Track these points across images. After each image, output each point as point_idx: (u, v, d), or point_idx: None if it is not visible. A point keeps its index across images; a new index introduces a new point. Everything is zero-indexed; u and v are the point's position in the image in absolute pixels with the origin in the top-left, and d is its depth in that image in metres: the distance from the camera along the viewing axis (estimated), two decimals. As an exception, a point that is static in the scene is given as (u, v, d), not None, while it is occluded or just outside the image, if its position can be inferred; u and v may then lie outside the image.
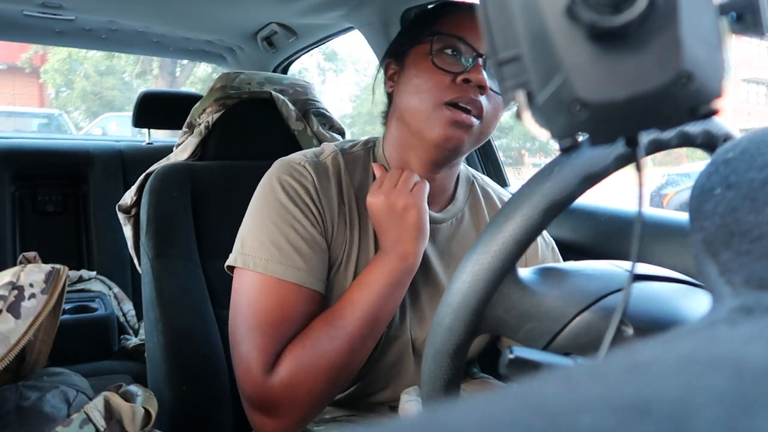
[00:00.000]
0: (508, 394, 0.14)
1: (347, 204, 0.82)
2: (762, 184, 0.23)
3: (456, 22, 0.79)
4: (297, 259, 0.74)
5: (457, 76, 0.76)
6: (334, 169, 0.83)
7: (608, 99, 0.24)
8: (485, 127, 0.78)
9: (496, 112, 0.79)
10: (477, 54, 0.77)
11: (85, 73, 13.56)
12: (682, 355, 0.15)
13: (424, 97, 0.77)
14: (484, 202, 0.92)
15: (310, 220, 0.77)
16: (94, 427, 0.59)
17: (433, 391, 0.47)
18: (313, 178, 0.79)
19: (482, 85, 0.75)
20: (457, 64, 0.77)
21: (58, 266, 0.72)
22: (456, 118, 0.75)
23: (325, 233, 0.79)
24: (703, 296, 0.46)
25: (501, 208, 0.45)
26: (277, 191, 0.78)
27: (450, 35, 0.78)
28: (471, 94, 0.75)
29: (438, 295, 0.83)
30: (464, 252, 0.84)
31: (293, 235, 0.75)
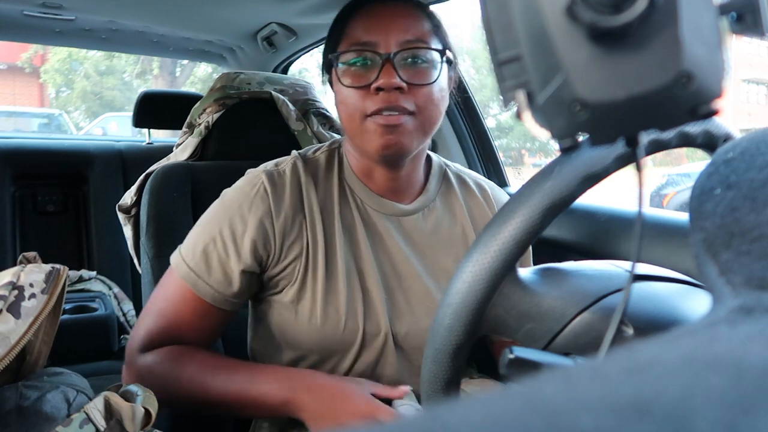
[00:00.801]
0: (508, 394, 0.14)
1: (308, 214, 0.81)
2: (762, 184, 0.23)
3: (360, 25, 0.78)
4: (214, 276, 0.78)
5: (370, 86, 0.75)
6: (293, 178, 0.82)
7: (608, 99, 0.24)
8: (426, 117, 0.78)
9: (429, 97, 0.77)
10: (383, 56, 0.75)
11: (85, 73, 13.56)
12: (682, 355, 0.15)
13: (349, 113, 0.78)
14: (458, 188, 0.91)
15: (244, 242, 0.77)
16: (94, 427, 0.59)
17: (433, 391, 0.47)
18: (267, 193, 0.79)
19: (396, 87, 0.74)
20: (365, 74, 0.76)
21: (58, 266, 0.72)
22: (383, 124, 0.75)
23: (267, 252, 0.79)
24: (703, 296, 0.46)
25: (501, 208, 0.45)
26: (225, 203, 0.81)
27: (350, 49, 0.77)
28: (391, 99, 0.75)
29: (414, 287, 0.83)
30: (438, 242, 0.86)
31: (220, 253, 0.78)
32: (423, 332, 0.82)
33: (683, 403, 0.12)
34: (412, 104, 0.76)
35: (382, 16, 0.78)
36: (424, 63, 0.77)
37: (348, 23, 0.80)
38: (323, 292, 0.79)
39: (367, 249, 0.82)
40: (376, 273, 0.82)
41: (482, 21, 0.26)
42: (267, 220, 0.78)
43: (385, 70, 0.75)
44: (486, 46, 0.26)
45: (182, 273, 0.79)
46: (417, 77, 0.77)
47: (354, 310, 0.79)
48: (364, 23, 0.78)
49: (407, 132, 0.76)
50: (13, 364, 0.65)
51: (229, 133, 1.19)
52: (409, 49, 0.77)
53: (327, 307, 0.79)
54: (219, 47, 2.05)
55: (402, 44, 0.76)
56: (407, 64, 0.77)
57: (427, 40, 0.78)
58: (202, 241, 0.79)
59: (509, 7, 0.25)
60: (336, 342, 0.79)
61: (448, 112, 1.49)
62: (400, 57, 0.76)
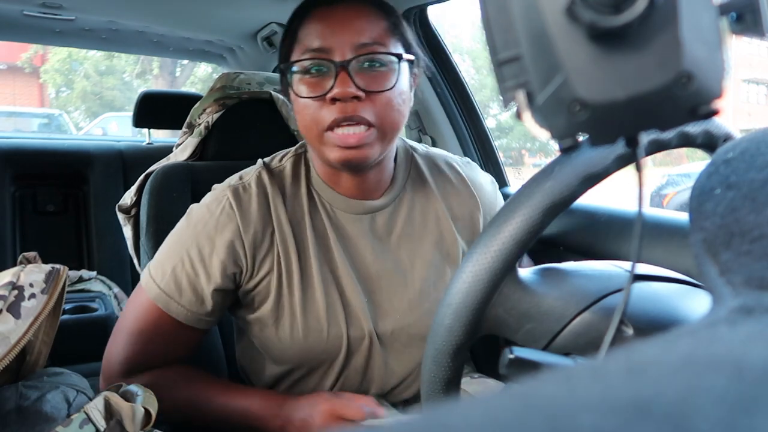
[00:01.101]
0: (508, 394, 0.14)
1: (277, 226, 0.79)
2: (762, 184, 0.23)
3: (312, 31, 0.74)
4: (186, 296, 0.77)
5: (326, 96, 0.72)
6: (259, 191, 0.80)
7: (608, 99, 0.24)
8: (387, 125, 0.74)
9: (389, 104, 0.74)
10: (337, 64, 0.71)
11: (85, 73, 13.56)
12: (682, 355, 0.15)
13: (306, 126, 0.75)
14: (428, 171, 0.88)
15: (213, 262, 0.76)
16: (94, 427, 0.59)
17: (433, 391, 0.47)
18: (233, 209, 0.77)
19: (353, 96, 0.71)
20: (320, 83, 0.73)
21: (58, 266, 0.72)
22: (342, 139, 0.72)
23: (239, 269, 0.77)
24: (703, 296, 0.46)
25: (501, 208, 0.45)
26: (192, 221, 0.79)
27: (303, 58, 0.73)
28: (348, 109, 0.71)
29: (394, 284, 0.82)
30: (413, 231, 0.84)
31: (190, 274, 0.76)
32: (409, 327, 0.81)
33: (683, 403, 0.12)
34: (371, 113, 0.72)
35: (334, 19, 0.74)
36: (381, 67, 0.74)
37: (300, 28, 0.76)
38: (301, 303, 0.77)
39: (341, 254, 0.80)
40: (352, 277, 0.80)
41: (482, 21, 0.26)
42: (236, 238, 0.76)
43: (340, 78, 0.71)
44: (486, 46, 0.26)
45: (153, 294, 0.77)
46: (374, 84, 0.73)
47: (335, 317, 0.78)
48: (316, 28, 0.74)
49: (368, 145, 0.73)
50: (13, 364, 0.65)
51: (229, 133, 1.19)
52: (365, 54, 0.72)
53: (307, 318, 0.77)
54: (219, 47, 2.05)
55: (357, 48, 0.72)
56: (363, 69, 0.73)
57: (384, 41, 0.74)
58: (171, 261, 0.78)
59: (509, 7, 0.25)
60: (321, 352, 0.79)
61: (447, 112, 1.49)
62: (355, 63, 0.72)
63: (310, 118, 0.73)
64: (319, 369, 0.81)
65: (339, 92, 0.70)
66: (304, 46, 0.74)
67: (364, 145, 0.72)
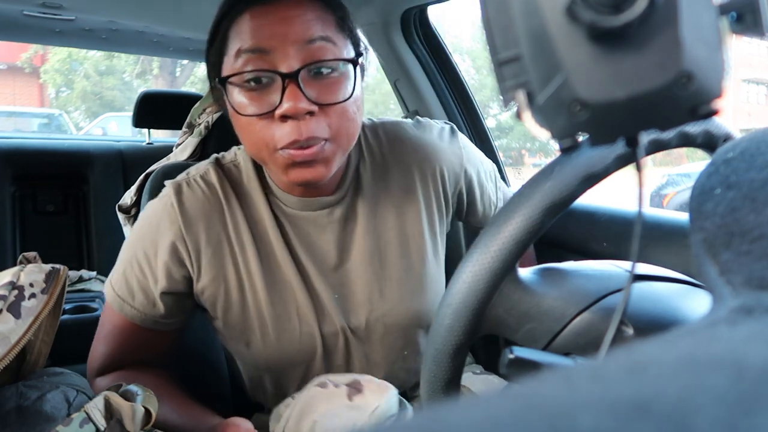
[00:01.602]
0: (508, 394, 0.14)
1: (232, 224, 0.74)
2: (762, 184, 0.23)
3: (250, 30, 0.63)
4: (138, 299, 0.75)
5: (273, 113, 0.63)
6: (207, 188, 0.75)
7: (608, 99, 0.24)
8: (344, 137, 0.67)
9: (345, 115, 0.66)
10: (285, 75, 0.62)
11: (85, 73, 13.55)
12: (682, 355, 0.15)
13: (253, 143, 0.66)
14: (381, 147, 0.80)
15: (158, 264, 0.73)
16: (94, 427, 0.59)
17: (433, 391, 0.47)
18: (174, 209, 0.72)
19: (305, 112, 0.62)
20: (264, 97, 0.63)
21: (58, 266, 0.72)
22: (295, 159, 0.64)
23: (185, 271, 0.74)
24: (703, 296, 0.46)
25: (501, 208, 0.45)
26: (140, 222, 0.76)
27: (244, 71, 0.63)
28: (302, 129, 0.62)
29: (362, 275, 0.77)
30: (372, 217, 0.78)
31: (138, 277, 0.74)
32: (384, 318, 0.77)
33: (683, 403, 0.12)
34: (326, 129, 0.64)
35: (274, 16, 0.63)
36: (334, 73, 0.65)
37: (231, 27, 0.65)
38: (269, 305, 0.74)
39: (304, 252, 0.76)
40: (318, 274, 0.76)
41: (482, 21, 0.26)
42: (177, 239, 0.72)
43: (289, 91, 0.61)
44: (486, 46, 0.26)
45: (110, 298, 0.77)
46: (328, 94, 0.64)
47: (305, 316, 0.75)
48: (252, 25, 0.63)
49: (324, 161, 0.65)
50: (14, 363, 0.65)
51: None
52: (316, 62, 0.63)
53: (277, 320, 0.74)
54: (219, 47, 2.04)
55: (304, 51, 0.63)
56: (314, 77, 0.64)
57: (335, 40, 0.65)
58: (122, 264, 0.76)
59: (509, 7, 0.25)
60: (296, 353, 0.76)
61: (447, 112, 1.49)
62: (305, 72, 0.63)
63: (257, 138, 0.65)
64: (297, 369, 0.78)
65: (290, 109, 0.61)
66: (237, 47, 0.64)
67: (321, 160, 0.65)
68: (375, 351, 0.80)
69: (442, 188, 0.82)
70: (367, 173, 0.79)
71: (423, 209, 0.80)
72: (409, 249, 0.79)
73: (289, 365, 0.78)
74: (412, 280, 0.79)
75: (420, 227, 0.80)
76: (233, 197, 0.75)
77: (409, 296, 0.78)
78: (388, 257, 0.78)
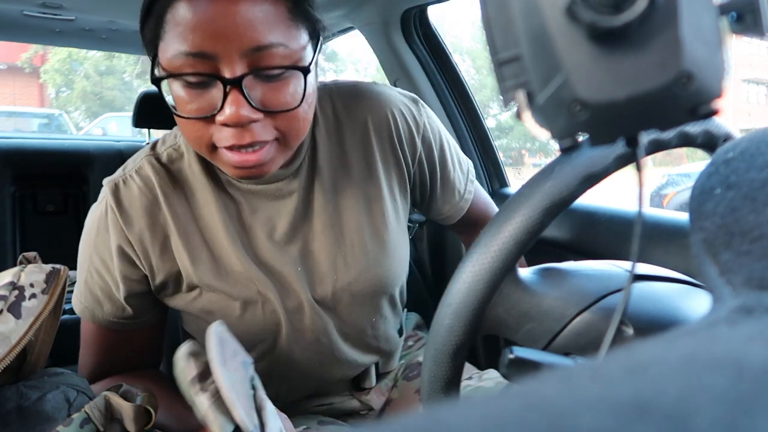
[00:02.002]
0: (508, 394, 0.14)
1: (171, 216, 0.71)
2: (762, 185, 0.23)
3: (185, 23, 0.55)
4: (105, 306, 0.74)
5: (213, 117, 0.58)
6: (143, 183, 0.71)
7: (608, 99, 0.24)
8: (292, 136, 0.62)
9: (295, 117, 0.61)
10: (226, 81, 0.56)
11: (86, 73, 13.56)
12: (682, 355, 0.15)
13: (192, 141, 0.62)
14: (330, 108, 0.76)
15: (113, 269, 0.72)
16: (94, 427, 0.59)
17: (433, 391, 0.47)
18: (114, 212, 0.70)
19: (249, 121, 0.57)
20: (203, 96, 0.58)
21: (58, 266, 0.72)
22: (238, 161, 0.60)
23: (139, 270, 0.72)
24: (703, 296, 0.46)
25: (501, 208, 0.45)
26: (86, 229, 0.75)
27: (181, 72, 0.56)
28: (244, 135, 0.57)
29: (325, 244, 0.74)
30: (331, 185, 0.74)
31: (100, 284, 0.74)
32: (350, 286, 0.75)
33: (683, 403, 0.12)
34: (272, 131, 0.60)
35: (217, 7, 0.54)
36: (284, 74, 0.59)
37: (168, 10, 0.56)
38: (226, 291, 0.71)
39: (261, 229, 0.72)
40: (277, 249, 0.73)
41: (482, 21, 0.26)
42: (122, 241, 0.70)
43: (232, 98, 0.55)
44: (486, 46, 0.26)
45: (79, 310, 0.77)
46: (276, 98, 0.58)
47: (265, 293, 0.72)
48: (192, 19, 0.55)
49: (270, 161, 0.61)
50: (14, 364, 0.65)
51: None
52: (263, 68, 0.57)
53: (239, 302, 0.72)
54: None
55: (250, 56, 0.56)
56: (260, 80, 0.58)
57: (286, 37, 0.57)
58: (82, 274, 0.75)
59: (509, 7, 0.25)
60: (260, 330, 0.74)
61: (447, 112, 1.49)
62: (250, 78, 0.57)
63: (194, 136, 0.60)
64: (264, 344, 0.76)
65: (231, 116, 0.56)
66: (176, 43, 0.56)
67: (266, 161, 0.61)
68: (343, 321, 0.78)
69: (399, 144, 0.77)
70: (323, 137, 0.74)
71: (381, 171, 0.76)
72: (371, 214, 0.76)
73: (257, 341, 0.75)
74: (376, 246, 0.76)
75: (380, 190, 0.76)
76: (171, 188, 0.71)
77: (374, 262, 0.76)
78: (349, 224, 0.75)
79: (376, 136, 0.76)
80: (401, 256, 0.80)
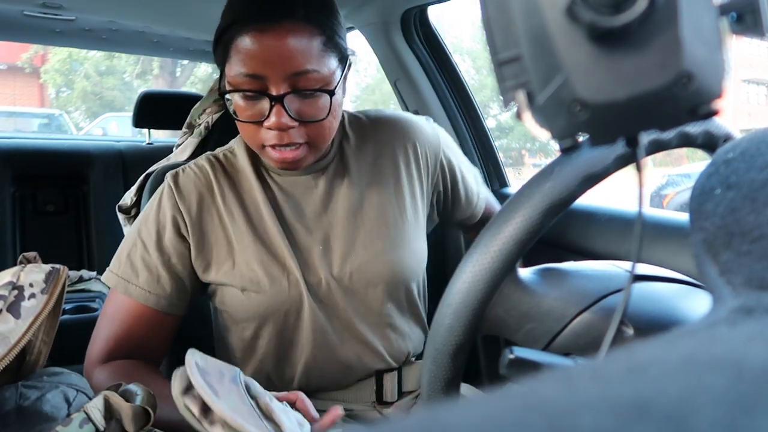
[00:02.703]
0: (508, 394, 0.14)
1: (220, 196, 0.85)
2: (762, 185, 0.23)
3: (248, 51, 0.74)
4: (142, 276, 0.82)
5: (262, 122, 0.76)
6: (198, 171, 0.87)
7: (608, 99, 0.24)
8: (321, 140, 0.79)
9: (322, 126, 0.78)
10: (272, 97, 0.74)
11: (86, 74, 13.56)
12: (682, 355, 0.15)
13: (247, 139, 0.81)
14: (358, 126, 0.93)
15: (161, 239, 0.82)
16: (93, 427, 0.59)
17: (433, 391, 0.47)
18: (171, 190, 0.84)
19: (287, 127, 0.75)
20: (255, 107, 0.77)
21: (58, 266, 0.72)
22: (279, 157, 0.78)
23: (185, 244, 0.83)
24: (703, 297, 0.46)
25: (501, 208, 0.45)
26: (144, 211, 0.86)
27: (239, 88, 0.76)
28: (283, 137, 0.76)
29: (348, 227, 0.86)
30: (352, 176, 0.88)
31: (143, 254, 0.83)
32: (366, 266, 0.86)
33: (683, 403, 0.12)
34: (305, 136, 0.78)
35: (269, 44, 0.73)
36: (316, 94, 0.77)
37: (233, 41, 0.75)
38: (258, 258, 0.83)
39: (292, 211, 0.86)
40: (304, 230, 0.86)
41: (482, 21, 0.26)
42: (176, 214, 0.83)
43: (276, 110, 0.74)
44: (486, 46, 0.26)
45: (113, 282, 0.83)
46: (310, 111, 0.77)
47: (290, 267, 0.83)
48: (251, 51, 0.74)
49: (304, 157, 0.80)
50: (13, 364, 0.65)
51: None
52: (300, 90, 0.75)
53: (267, 271, 0.83)
54: (219, 47, 2.04)
55: (292, 79, 0.74)
56: (298, 96, 0.76)
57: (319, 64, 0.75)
58: (125, 249, 0.84)
59: (509, 7, 0.25)
60: (284, 301, 0.83)
61: (448, 112, 1.49)
62: (290, 96, 0.75)
63: (249, 135, 0.80)
64: (288, 320, 0.85)
65: (274, 123, 0.75)
66: (238, 66, 0.75)
67: (301, 158, 0.79)
68: (359, 301, 0.87)
69: (423, 162, 0.93)
70: (351, 148, 0.91)
71: (404, 176, 0.91)
72: (390, 207, 0.89)
73: (280, 316, 0.84)
74: (391, 235, 0.88)
75: (400, 191, 0.90)
76: (223, 175, 0.88)
77: (389, 249, 0.87)
78: (368, 213, 0.88)
79: (402, 155, 0.92)
80: (416, 250, 0.90)
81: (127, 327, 0.83)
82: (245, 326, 0.86)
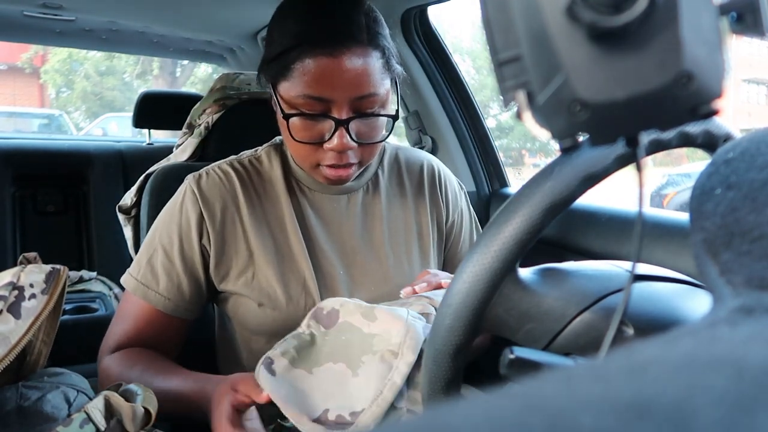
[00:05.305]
0: (508, 394, 0.14)
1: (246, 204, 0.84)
2: (762, 185, 0.23)
3: (311, 73, 0.73)
4: (162, 283, 0.81)
5: (322, 144, 0.76)
6: (221, 176, 0.85)
7: (608, 99, 0.24)
8: (370, 159, 0.81)
9: (376, 147, 0.81)
10: (337, 121, 0.74)
11: (86, 74, 13.56)
12: (682, 355, 0.15)
13: (299, 157, 0.81)
14: (405, 168, 0.95)
15: (183, 246, 0.81)
16: (94, 427, 0.59)
17: (433, 391, 0.47)
18: (195, 195, 0.82)
19: (348, 149, 0.76)
20: (316, 128, 0.76)
21: (58, 266, 0.72)
22: (333, 175, 0.79)
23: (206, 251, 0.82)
24: (703, 296, 0.46)
25: (501, 208, 0.45)
26: (161, 216, 0.85)
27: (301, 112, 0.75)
28: (342, 158, 0.77)
29: (369, 258, 0.86)
30: (387, 210, 0.90)
31: (163, 261, 0.82)
32: (382, 299, 0.82)
33: (683, 403, 0.12)
34: (359, 155, 0.79)
35: (337, 69, 0.73)
36: (376, 118, 0.79)
37: (297, 61, 0.74)
38: (278, 274, 0.82)
39: (319, 230, 0.86)
40: (329, 251, 0.85)
41: (482, 21, 0.26)
42: (200, 219, 0.82)
43: (339, 133, 0.75)
44: (486, 46, 0.26)
45: (132, 287, 0.83)
46: (369, 134, 0.79)
47: (309, 288, 0.82)
48: (317, 74, 0.73)
49: (353, 174, 0.81)
50: (14, 364, 0.65)
51: (229, 134, 1.19)
52: (364, 115, 0.77)
53: (285, 288, 0.82)
54: (219, 48, 2.05)
55: (355, 103, 0.75)
56: (360, 119, 0.77)
57: (379, 88, 0.76)
58: (146, 253, 0.83)
59: (509, 7, 0.25)
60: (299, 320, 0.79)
61: (448, 113, 1.49)
62: (354, 121, 0.76)
63: (304, 155, 0.79)
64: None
65: (337, 146, 0.75)
66: (301, 87, 0.74)
67: (351, 176, 0.81)
68: None
69: (445, 211, 0.95)
70: (384, 179, 0.92)
71: (429, 213, 0.92)
72: (416, 242, 0.90)
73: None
74: (415, 269, 0.88)
75: (427, 227, 0.92)
76: (249, 181, 0.86)
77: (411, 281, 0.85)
78: (396, 246, 0.88)
79: (429, 194, 0.94)
80: None
81: (140, 328, 0.83)
82: (256, 339, 0.85)
